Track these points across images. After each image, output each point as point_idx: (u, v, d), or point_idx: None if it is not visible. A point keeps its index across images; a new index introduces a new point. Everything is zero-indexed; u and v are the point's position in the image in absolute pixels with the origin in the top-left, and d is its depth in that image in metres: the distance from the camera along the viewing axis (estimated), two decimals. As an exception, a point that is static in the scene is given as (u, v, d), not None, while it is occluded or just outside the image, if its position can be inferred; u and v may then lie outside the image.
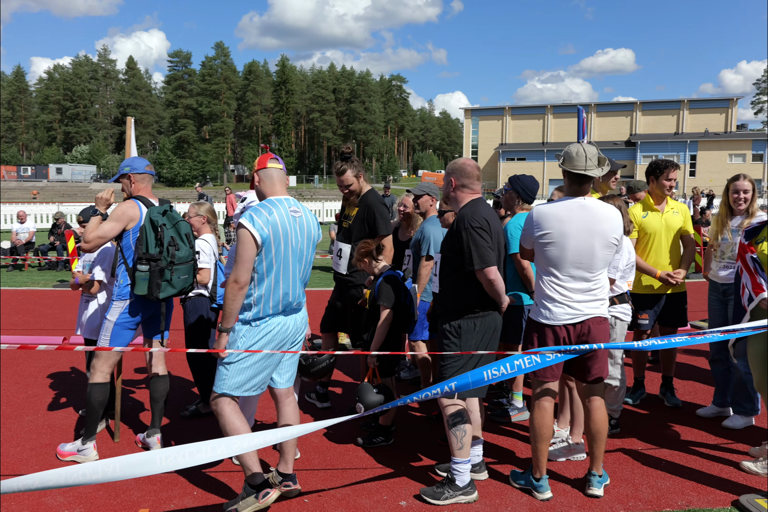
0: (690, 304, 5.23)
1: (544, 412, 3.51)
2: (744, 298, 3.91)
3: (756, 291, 3.82)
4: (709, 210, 16.78)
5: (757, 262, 3.87)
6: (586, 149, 3.39)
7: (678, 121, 62.76)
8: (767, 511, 3.30)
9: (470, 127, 69.41)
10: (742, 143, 58.50)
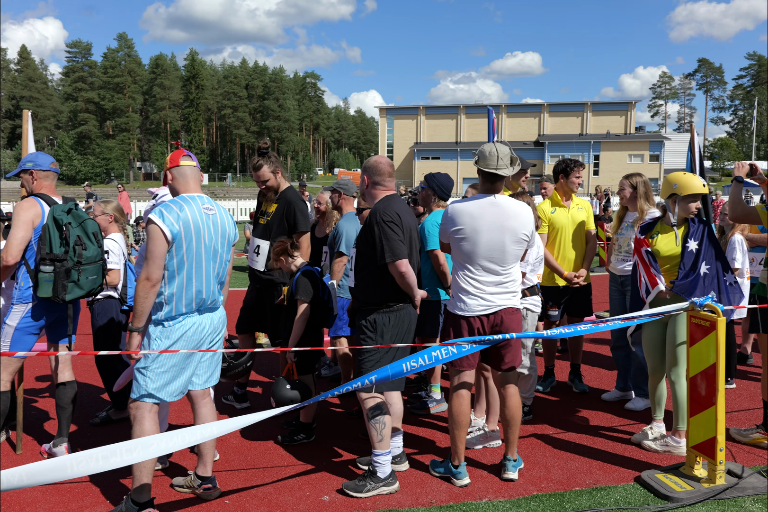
0: (594, 296, 5.53)
1: (461, 400, 3.63)
2: (642, 290, 4.18)
3: (652, 284, 4.10)
4: (610, 207, 17.71)
5: (651, 255, 4.15)
6: (498, 148, 3.53)
7: (582, 123, 65.79)
8: (666, 484, 3.56)
9: (385, 126, 69.96)
10: (640, 144, 62.06)
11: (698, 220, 4.06)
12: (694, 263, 3.96)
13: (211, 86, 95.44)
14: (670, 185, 4.04)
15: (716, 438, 3.49)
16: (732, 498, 3.47)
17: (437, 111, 69.35)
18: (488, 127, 6.41)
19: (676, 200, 4.06)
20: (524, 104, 70.85)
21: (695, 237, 4.00)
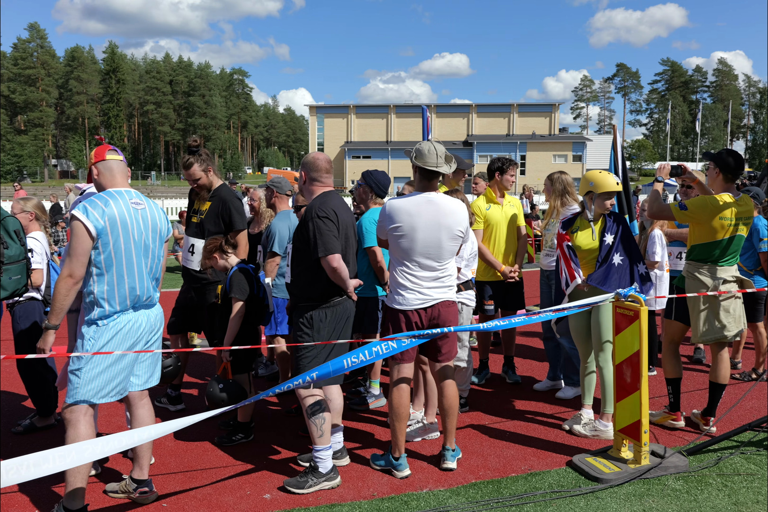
0: (525, 290, 5.72)
1: (401, 392, 3.69)
2: (562, 282, 4.39)
3: (571, 277, 4.30)
4: (537, 206, 18.34)
5: (572, 250, 4.34)
6: (436, 147, 3.61)
7: (509, 124, 67.57)
8: (595, 467, 3.74)
9: (315, 124, 69.62)
10: (564, 145, 64.35)
11: (613, 215, 4.29)
12: (608, 255, 4.19)
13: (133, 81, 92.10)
14: (587, 183, 4.25)
15: (641, 421, 3.69)
16: (656, 477, 3.68)
17: (368, 110, 69.61)
18: (423, 125, 6.52)
19: (592, 197, 4.26)
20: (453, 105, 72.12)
21: (611, 231, 4.23)
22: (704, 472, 3.76)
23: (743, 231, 4.23)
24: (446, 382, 3.78)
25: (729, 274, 4.24)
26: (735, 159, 4.21)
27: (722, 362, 4.36)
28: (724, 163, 4.22)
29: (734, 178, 4.23)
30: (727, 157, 4.23)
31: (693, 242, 4.32)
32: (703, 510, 3.34)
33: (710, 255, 4.24)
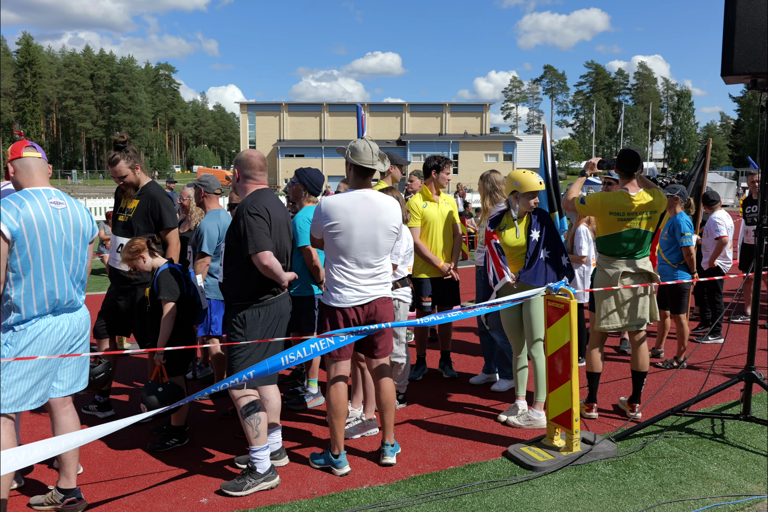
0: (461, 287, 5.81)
1: (339, 389, 3.69)
2: (490, 279, 4.49)
3: (499, 275, 4.41)
4: (470, 204, 18.69)
5: (499, 247, 4.46)
6: (371, 145, 3.63)
7: (441, 123, 68.48)
8: (530, 456, 3.85)
9: (247, 122, 68.48)
10: (495, 145, 65.75)
11: (538, 211, 4.43)
12: (536, 250, 4.33)
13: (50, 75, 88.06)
14: (512, 182, 4.36)
15: (572, 410, 3.83)
16: (587, 463, 3.82)
17: (300, 108, 69.01)
18: (358, 124, 6.53)
19: (517, 196, 4.39)
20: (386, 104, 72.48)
21: (536, 228, 4.37)
22: (631, 456, 3.93)
23: (643, 226, 4.37)
24: (383, 378, 3.81)
25: (632, 267, 4.42)
26: (627, 157, 4.40)
27: (641, 352, 4.57)
28: (620, 160, 4.44)
29: (630, 174, 4.41)
30: (622, 155, 4.44)
31: (597, 235, 4.56)
32: (631, 492, 3.49)
33: (609, 248, 4.47)
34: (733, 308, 7.99)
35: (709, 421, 4.49)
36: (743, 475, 3.67)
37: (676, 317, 5.87)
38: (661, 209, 4.48)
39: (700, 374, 5.58)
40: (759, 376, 4.18)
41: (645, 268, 4.46)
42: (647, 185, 4.55)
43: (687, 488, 3.53)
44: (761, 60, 3.79)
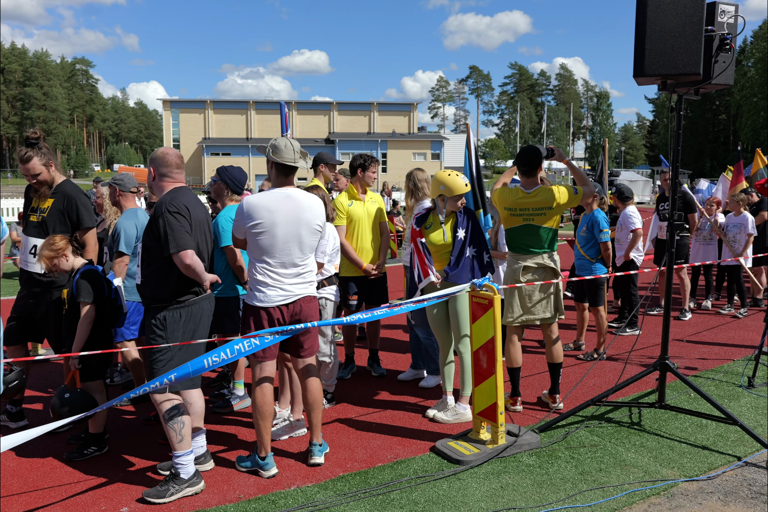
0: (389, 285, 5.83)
1: (265, 390, 3.62)
2: (415, 277, 4.53)
3: (424, 274, 4.45)
4: (399, 203, 18.82)
5: (425, 246, 4.50)
6: (292, 142, 3.59)
7: (370, 122, 68.67)
8: (457, 450, 3.90)
9: (170, 119, 66.47)
10: (422, 143, 66.49)
11: (464, 210, 4.51)
12: (462, 249, 4.40)
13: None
14: (438, 186, 4.40)
15: (497, 403, 3.90)
16: (512, 455, 3.91)
17: (226, 106, 67.61)
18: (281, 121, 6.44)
19: (444, 199, 4.44)
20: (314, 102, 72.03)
21: (462, 226, 4.45)
22: (554, 447, 4.05)
23: (537, 222, 4.49)
24: (310, 377, 3.78)
25: (533, 262, 4.54)
26: (523, 156, 4.54)
27: (553, 344, 4.71)
28: (518, 159, 4.59)
29: (527, 172, 4.54)
30: (519, 154, 4.59)
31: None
32: (554, 481, 3.59)
33: (510, 242, 4.65)
34: (648, 300, 8.38)
35: (627, 410, 4.68)
36: (659, 461, 3.84)
37: (595, 310, 6.10)
38: (558, 207, 4.50)
39: (618, 365, 5.81)
40: (672, 365, 4.39)
41: (547, 263, 4.55)
42: (582, 179, 4.60)
43: (606, 475, 3.67)
44: (670, 62, 3.96)
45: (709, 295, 8.62)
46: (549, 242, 4.57)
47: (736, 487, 3.52)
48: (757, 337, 6.70)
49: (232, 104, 68.19)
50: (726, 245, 7.97)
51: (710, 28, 3.98)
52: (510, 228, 4.61)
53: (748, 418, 4.50)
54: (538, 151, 4.52)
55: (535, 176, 4.56)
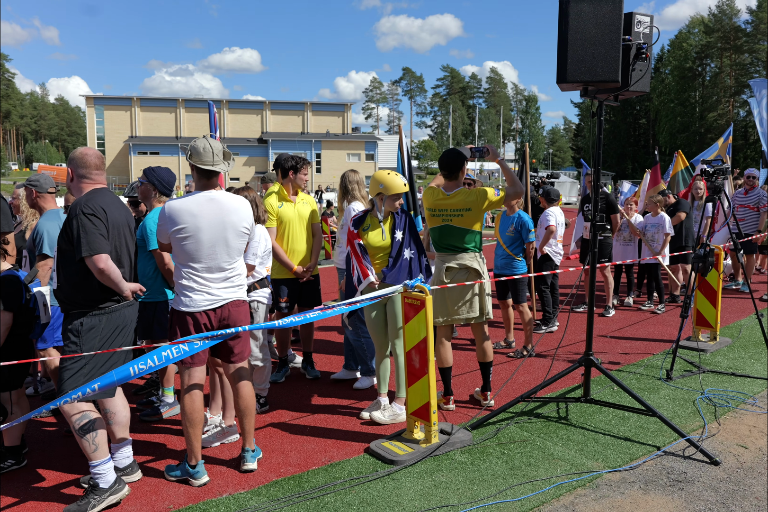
0: (323, 287, 5.81)
1: (194, 397, 3.54)
2: (354, 279, 4.53)
3: (363, 275, 4.46)
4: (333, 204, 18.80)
5: (362, 248, 4.51)
6: (212, 144, 3.51)
7: (303, 122, 68.13)
8: (391, 450, 3.92)
9: (94, 117, 63.89)
10: (357, 144, 66.51)
11: (401, 211, 4.54)
12: (400, 250, 4.43)
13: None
14: (377, 184, 4.43)
15: (430, 403, 3.95)
16: (445, 453, 3.97)
17: (154, 103, 65.55)
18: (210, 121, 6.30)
19: (383, 198, 4.47)
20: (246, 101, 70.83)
21: (400, 227, 4.48)
22: (485, 443, 4.13)
23: (456, 223, 4.57)
24: (241, 383, 3.71)
25: (455, 262, 4.62)
26: (444, 160, 4.61)
27: (482, 343, 4.81)
28: (440, 162, 4.68)
29: (448, 174, 4.63)
30: (441, 158, 4.67)
31: None
32: (485, 477, 3.67)
33: (434, 242, 4.73)
34: (573, 298, 8.68)
35: (555, 405, 4.84)
36: (584, 453, 3.99)
37: (518, 307, 6.26)
38: (477, 209, 4.54)
39: (546, 362, 5.99)
40: (596, 361, 4.56)
41: (470, 264, 4.60)
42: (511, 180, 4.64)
43: (535, 469, 3.77)
44: (591, 70, 4.11)
45: (630, 292, 9.01)
46: (471, 243, 4.62)
47: (656, 476, 3.70)
48: (675, 331, 7.05)
49: (160, 102, 66.16)
50: (645, 244, 8.35)
51: (627, 38, 4.15)
52: (432, 228, 4.69)
53: (666, 409, 4.73)
54: (460, 154, 4.59)
55: (458, 178, 4.62)
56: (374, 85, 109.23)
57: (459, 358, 6.10)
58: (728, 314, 7.98)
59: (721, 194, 5.83)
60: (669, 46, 73.04)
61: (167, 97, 67.42)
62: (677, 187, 11.66)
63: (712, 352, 6.32)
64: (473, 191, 4.57)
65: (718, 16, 68.82)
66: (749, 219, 9.28)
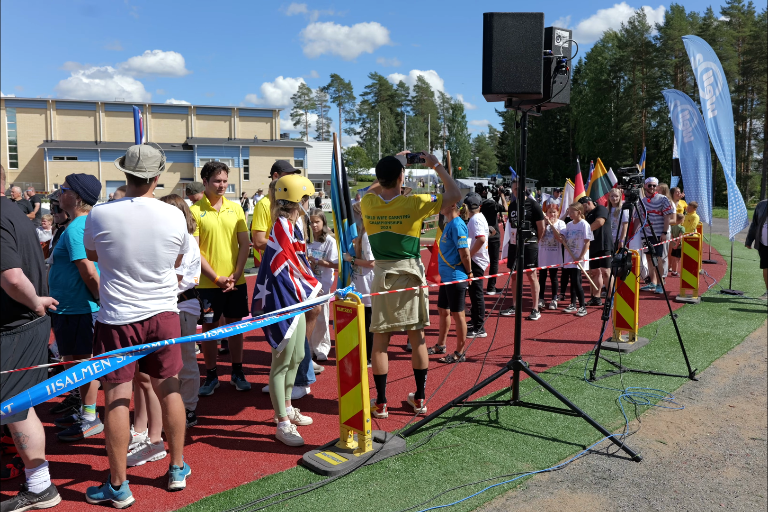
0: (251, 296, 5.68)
1: (119, 414, 3.39)
2: (303, 293, 4.45)
3: (312, 284, 4.40)
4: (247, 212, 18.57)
5: (303, 258, 4.46)
6: (142, 150, 3.42)
7: (230, 128, 66.95)
8: (324, 461, 3.88)
9: (5, 120, 60.61)
10: (285, 150, 65.92)
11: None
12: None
13: None
14: (301, 187, 4.41)
15: (363, 411, 3.94)
16: (379, 461, 3.96)
17: (71, 106, 62.79)
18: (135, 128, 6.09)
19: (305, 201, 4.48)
20: (170, 105, 68.95)
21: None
22: (419, 450, 4.16)
23: (395, 230, 4.60)
24: (171, 397, 3.58)
25: (395, 269, 4.65)
26: (381, 168, 4.61)
27: (420, 351, 4.85)
28: (377, 170, 4.64)
29: (386, 182, 4.64)
30: (378, 166, 4.65)
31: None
32: (419, 484, 3.69)
33: (374, 249, 4.74)
34: (501, 302, 8.89)
35: (486, 409, 4.92)
36: (515, 455, 4.07)
37: (455, 315, 6.36)
38: (415, 215, 4.59)
39: (477, 366, 6.09)
40: (524, 364, 4.67)
41: (409, 270, 4.64)
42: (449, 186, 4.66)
43: (468, 474, 3.82)
44: (515, 81, 4.23)
45: (555, 296, 9.31)
46: (409, 250, 4.66)
47: (582, 474, 3.82)
48: (597, 333, 7.33)
49: (78, 105, 63.44)
50: (567, 249, 8.66)
51: (548, 51, 4.30)
52: (371, 235, 4.70)
53: (590, 409, 4.91)
54: (396, 162, 4.62)
55: (395, 186, 4.65)
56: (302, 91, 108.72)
57: (390, 365, 6.11)
58: (645, 315, 8.38)
59: (636, 201, 6.11)
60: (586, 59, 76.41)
61: (86, 100, 64.60)
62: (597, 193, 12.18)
63: (632, 352, 6.60)
64: (411, 198, 4.60)
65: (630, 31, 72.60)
66: (656, 223, 10.03)
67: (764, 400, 5.14)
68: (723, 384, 5.57)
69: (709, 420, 4.72)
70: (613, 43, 74.15)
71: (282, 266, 4.23)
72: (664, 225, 9.96)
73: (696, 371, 5.81)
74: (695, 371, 5.77)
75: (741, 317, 8.37)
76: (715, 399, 5.18)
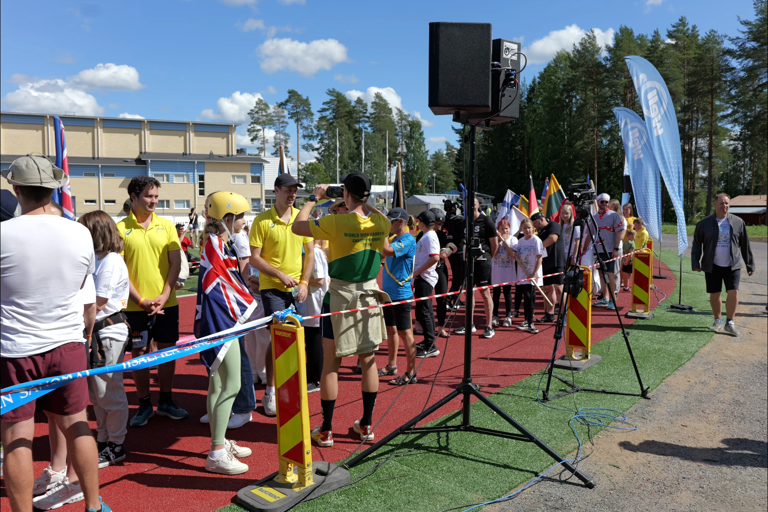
0: (182, 318, 5.36)
1: (20, 457, 3.03)
2: (237, 311, 4.19)
3: (248, 301, 4.17)
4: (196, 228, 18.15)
5: (236, 275, 4.21)
6: (37, 160, 3.10)
7: (185, 143, 65.89)
8: (260, 498, 3.59)
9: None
10: (242, 166, 65.16)
11: None
12: None
13: None
14: (225, 205, 4.21)
15: (303, 442, 3.67)
16: (320, 496, 3.69)
17: (18, 119, 60.83)
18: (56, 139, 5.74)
19: (230, 219, 4.27)
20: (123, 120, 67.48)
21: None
22: (364, 481, 3.90)
23: (371, 246, 4.46)
24: (79, 437, 3.24)
25: (365, 289, 4.50)
26: (355, 182, 4.45)
27: (371, 373, 4.62)
28: (351, 185, 4.48)
29: (360, 197, 4.48)
30: (352, 180, 4.48)
31: (332, 257, 4.50)
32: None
33: (345, 270, 4.43)
34: (453, 320, 8.73)
35: (436, 435, 4.70)
36: (464, 485, 3.86)
37: (402, 333, 6.15)
38: (387, 232, 4.61)
39: (428, 388, 5.88)
40: (475, 387, 4.48)
41: (376, 288, 4.58)
42: (372, 210, 4.64)
43: (414, 507, 3.59)
44: (462, 94, 4.09)
45: (509, 313, 9.21)
46: (377, 268, 4.59)
47: (534, 504, 3.63)
48: (551, 351, 7.22)
49: (26, 118, 61.52)
50: (520, 266, 8.57)
51: (496, 63, 4.19)
52: (349, 255, 4.37)
53: (543, 432, 4.74)
54: (365, 177, 4.49)
55: (366, 201, 4.52)
56: (260, 106, 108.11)
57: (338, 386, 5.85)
58: (598, 331, 8.33)
59: (587, 218, 6.04)
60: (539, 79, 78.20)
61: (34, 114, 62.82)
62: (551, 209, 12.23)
63: (585, 370, 6.50)
64: (377, 216, 4.52)
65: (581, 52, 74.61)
66: (608, 239, 10.05)
67: (715, 418, 5.06)
68: (675, 402, 5.49)
69: (662, 440, 4.60)
70: (565, 63, 76.07)
71: (214, 283, 4.08)
72: (616, 241, 10.02)
73: (648, 389, 5.72)
74: (647, 389, 5.68)
75: (691, 332, 8.40)
76: (667, 418, 5.08)
